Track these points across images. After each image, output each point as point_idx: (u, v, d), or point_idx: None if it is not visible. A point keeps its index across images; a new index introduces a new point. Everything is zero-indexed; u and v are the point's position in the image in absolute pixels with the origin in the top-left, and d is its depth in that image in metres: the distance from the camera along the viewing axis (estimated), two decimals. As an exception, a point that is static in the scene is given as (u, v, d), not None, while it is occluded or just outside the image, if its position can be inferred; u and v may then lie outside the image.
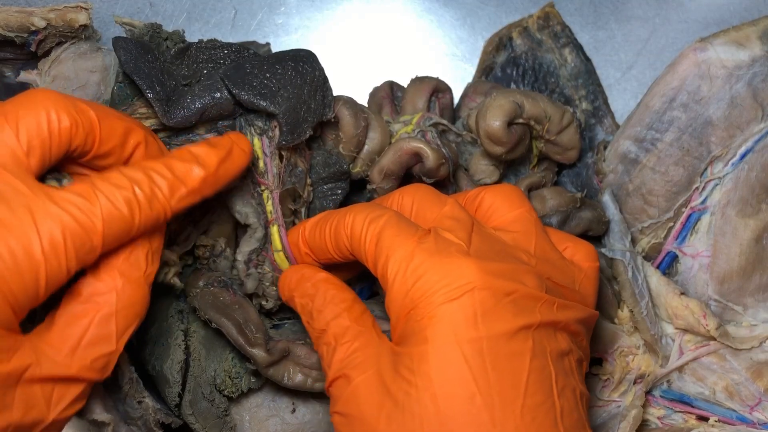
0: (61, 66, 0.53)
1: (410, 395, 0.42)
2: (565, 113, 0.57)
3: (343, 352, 0.46)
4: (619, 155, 0.59)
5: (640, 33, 0.69)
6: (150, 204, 0.44)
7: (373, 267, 0.46)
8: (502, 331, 0.42)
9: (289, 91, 0.51)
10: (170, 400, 0.53)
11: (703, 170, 0.57)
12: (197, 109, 0.50)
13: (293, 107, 0.51)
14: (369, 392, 0.44)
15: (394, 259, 0.45)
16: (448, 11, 0.69)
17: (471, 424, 0.41)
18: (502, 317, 0.43)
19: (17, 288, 0.39)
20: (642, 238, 0.59)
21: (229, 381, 0.54)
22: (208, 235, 0.54)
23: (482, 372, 0.42)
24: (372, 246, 0.46)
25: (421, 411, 0.42)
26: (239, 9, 0.67)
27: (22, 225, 0.40)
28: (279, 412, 0.55)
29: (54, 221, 0.40)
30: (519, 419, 0.41)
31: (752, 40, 0.56)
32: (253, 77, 0.51)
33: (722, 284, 0.58)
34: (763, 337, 0.57)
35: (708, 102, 0.56)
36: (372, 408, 0.43)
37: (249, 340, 0.51)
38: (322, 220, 0.50)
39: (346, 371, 0.45)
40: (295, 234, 0.52)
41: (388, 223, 0.46)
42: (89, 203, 0.42)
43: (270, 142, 0.52)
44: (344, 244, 0.48)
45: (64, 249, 0.41)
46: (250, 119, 0.52)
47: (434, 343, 0.42)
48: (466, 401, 0.41)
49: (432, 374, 0.42)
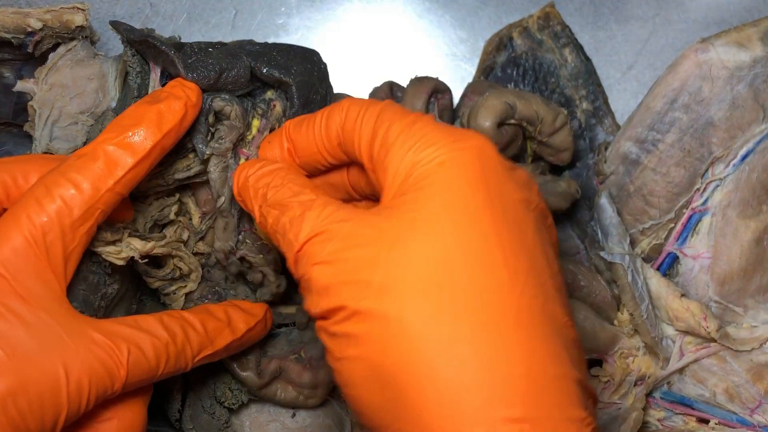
0: (58, 74, 0.53)
1: (415, 226, 0.38)
2: (559, 115, 0.57)
3: (317, 214, 0.41)
4: (620, 156, 0.59)
5: (640, 33, 0.69)
6: (177, 359, 0.45)
7: (367, 147, 0.42)
8: (511, 194, 0.40)
9: (300, 69, 0.51)
10: (171, 415, 0.54)
11: (704, 171, 0.57)
12: (219, 66, 0.49)
13: (306, 82, 0.51)
14: (364, 229, 0.39)
15: (397, 125, 0.41)
16: (448, 11, 0.69)
17: (482, 259, 0.37)
18: (509, 184, 0.40)
19: (35, 428, 0.40)
20: (643, 239, 0.59)
21: (229, 393, 0.54)
22: (204, 241, 0.54)
23: (494, 218, 0.38)
24: (370, 122, 0.43)
25: (428, 239, 0.38)
26: (239, 9, 0.67)
27: (54, 369, 0.41)
28: (279, 416, 0.55)
29: (83, 366, 0.42)
30: (529, 267, 0.38)
31: (753, 41, 0.56)
32: (267, 52, 0.51)
33: (723, 285, 0.58)
34: (763, 339, 0.57)
35: (709, 103, 0.56)
36: (369, 240, 0.39)
37: (241, 363, 0.52)
38: (310, 115, 0.47)
39: (327, 225, 0.40)
40: (277, 133, 0.49)
41: (388, 104, 0.43)
42: (118, 351, 0.43)
43: (266, 121, 0.52)
44: (335, 130, 0.45)
45: (87, 393, 0.42)
46: (255, 102, 0.52)
47: (441, 184, 0.39)
48: (479, 240, 0.38)
49: (440, 212, 0.38)
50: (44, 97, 0.52)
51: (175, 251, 0.51)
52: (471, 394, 0.35)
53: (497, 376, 0.35)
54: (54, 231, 0.43)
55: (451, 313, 0.36)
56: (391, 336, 0.36)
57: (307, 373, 0.53)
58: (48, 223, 0.43)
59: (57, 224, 0.43)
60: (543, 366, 0.36)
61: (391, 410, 0.37)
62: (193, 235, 0.53)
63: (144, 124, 0.46)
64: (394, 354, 0.36)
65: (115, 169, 0.45)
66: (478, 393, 0.35)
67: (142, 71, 0.51)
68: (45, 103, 0.52)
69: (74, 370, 0.41)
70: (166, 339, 0.45)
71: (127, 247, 0.48)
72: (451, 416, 0.35)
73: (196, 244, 0.54)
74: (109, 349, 0.42)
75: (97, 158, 0.45)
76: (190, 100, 0.48)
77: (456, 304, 0.36)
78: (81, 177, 0.44)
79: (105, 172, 0.44)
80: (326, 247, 0.39)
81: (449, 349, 0.36)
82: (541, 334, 0.37)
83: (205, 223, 0.53)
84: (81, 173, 0.44)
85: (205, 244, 0.54)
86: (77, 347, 0.42)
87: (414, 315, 0.36)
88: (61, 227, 0.43)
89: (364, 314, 0.37)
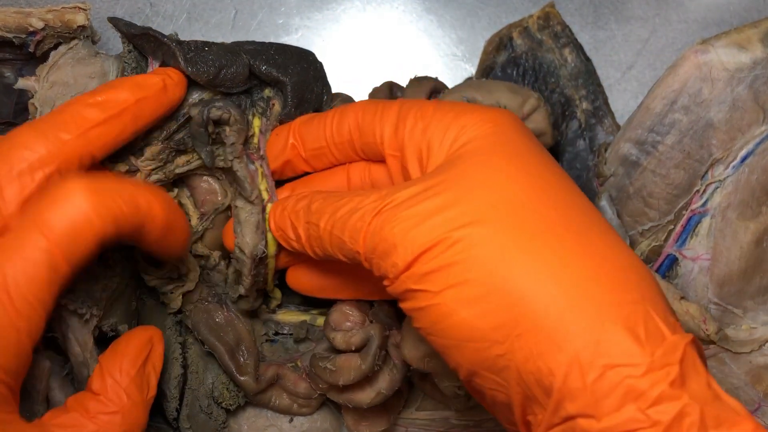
0: (60, 72, 0.53)
1: (485, 171, 0.42)
2: (527, 100, 0.56)
3: (375, 196, 0.43)
4: (619, 158, 0.59)
5: (640, 33, 0.69)
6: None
7: (392, 133, 0.46)
8: (539, 146, 0.45)
9: (297, 69, 0.52)
10: (168, 414, 0.54)
11: (704, 173, 0.57)
12: (219, 63, 0.50)
13: (302, 81, 0.52)
14: (432, 183, 0.42)
15: (427, 105, 0.46)
16: (448, 11, 0.69)
17: (549, 190, 0.42)
18: (534, 140, 0.46)
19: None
20: (642, 241, 0.59)
21: (227, 393, 0.54)
22: (203, 242, 0.54)
23: (546, 161, 0.44)
24: (392, 113, 0.46)
25: (500, 180, 0.42)
26: (239, 9, 0.67)
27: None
28: (277, 421, 0.55)
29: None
30: (580, 195, 0.44)
31: (754, 43, 0.56)
32: (265, 51, 0.52)
33: (722, 287, 0.58)
34: (762, 341, 0.57)
35: (709, 104, 0.56)
36: (444, 188, 0.42)
37: (239, 367, 0.52)
38: (321, 113, 0.50)
39: (391, 196, 0.42)
40: (283, 129, 0.51)
41: (402, 100, 0.48)
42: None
43: (267, 121, 0.52)
44: (347, 128, 0.48)
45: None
46: (254, 100, 0.52)
47: (497, 138, 0.43)
48: (541, 176, 0.42)
49: (502, 160, 0.42)
50: (45, 95, 0.52)
51: None
52: (590, 289, 0.38)
53: (609, 270, 0.39)
54: (13, 170, 0.43)
55: (544, 229, 0.40)
56: (495, 256, 0.39)
57: (302, 383, 0.54)
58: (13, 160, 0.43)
59: (18, 163, 0.43)
60: (638, 264, 0.41)
61: (508, 319, 0.38)
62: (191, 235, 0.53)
63: (117, 89, 0.46)
64: (501, 270, 0.38)
65: (81, 122, 0.45)
66: (599, 283, 0.38)
67: (138, 67, 0.51)
68: (46, 101, 0.52)
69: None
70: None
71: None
72: (581, 306, 0.37)
73: (195, 246, 0.54)
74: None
75: (63, 112, 0.45)
76: (170, 78, 0.48)
77: (545, 221, 0.40)
78: (44, 126, 0.44)
79: (70, 123, 0.44)
80: (399, 208, 0.41)
81: (557, 255, 0.39)
82: (621, 241, 0.42)
83: (203, 224, 0.53)
84: (44, 123, 0.44)
85: (204, 245, 0.54)
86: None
87: (510, 235, 0.39)
88: (19, 168, 0.43)
89: (465, 240, 0.39)
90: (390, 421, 0.55)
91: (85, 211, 0.41)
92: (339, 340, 0.51)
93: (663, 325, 0.37)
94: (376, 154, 0.48)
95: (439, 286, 0.39)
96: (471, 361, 0.40)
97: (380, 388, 0.52)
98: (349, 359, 0.51)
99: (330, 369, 0.51)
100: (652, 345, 0.36)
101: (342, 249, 0.44)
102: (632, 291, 0.38)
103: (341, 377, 0.51)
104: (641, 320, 0.37)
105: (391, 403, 0.55)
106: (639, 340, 0.36)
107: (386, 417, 0.55)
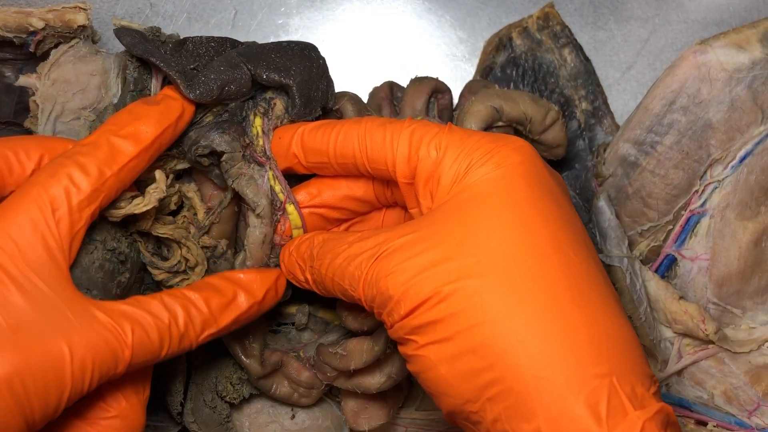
0: (61, 69, 0.53)
1: (479, 219, 0.42)
2: (549, 112, 0.57)
3: (372, 241, 0.44)
4: (618, 158, 0.59)
5: (639, 33, 0.69)
6: (180, 339, 0.45)
7: (405, 163, 0.46)
8: (554, 186, 0.45)
9: (300, 68, 0.52)
10: (173, 409, 0.54)
11: (703, 173, 0.57)
12: (221, 81, 0.50)
13: (306, 81, 0.52)
14: (426, 233, 0.43)
15: (440, 137, 0.46)
16: (448, 11, 0.69)
17: (548, 240, 0.42)
18: (550, 176, 0.45)
19: (38, 407, 0.40)
20: (641, 241, 0.59)
21: (231, 387, 0.54)
22: (209, 235, 0.54)
23: (551, 206, 0.44)
24: (405, 141, 0.46)
25: (495, 228, 0.42)
26: (239, 9, 0.67)
27: (58, 348, 0.41)
28: (279, 418, 0.55)
29: (87, 346, 0.41)
30: (585, 245, 0.44)
31: (752, 43, 0.56)
32: (265, 56, 0.52)
33: (721, 287, 0.58)
34: (761, 340, 0.57)
35: (708, 105, 0.56)
36: (436, 240, 0.43)
37: (245, 350, 0.52)
38: (326, 124, 0.50)
39: (387, 245, 0.44)
40: (287, 133, 0.51)
41: (411, 121, 0.47)
42: (122, 332, 0.43)
43: (269, 121, 0.52)
44: (351, 149, 0.48)
45: (90, 374, 0.42)
46: (256, 101, 0.52)
47: (500, 181, 0.43)
48: (542, 224, 0.43)
49: (502, 205, 0.43)
50: (47, 92, 0.53)
51: (183, 240, 0.52)
52: (562, 358, 0.39)
53: (581, 341, 0.40)
54: (63, 208, 0.44)
55: (528, 290, 0.40)
56: (478, 314, 0.40)
57: (305, 371, 0.54)
58: (58, 199, 0.44)
59: (66, 202, 0.44)
60: (617, 330, 0.41)
61: (480, 382, 0.40)
62: (198, 230, 0.53)
63: (144, 120, 0.48)
64: (482, 330, 0.40)
65: (119, 156, 0.46)
66: (568, 356, 0.39)
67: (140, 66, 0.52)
68: (47, 98, 0.53)
69: (78, 350, 0.41)
70: (168, 319, 0.45)
71: (150, 192, 0.49)
72: (547, 378, 0.39)
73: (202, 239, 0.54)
74: (113, 330, 0.42)
75: (101, 146, 0.46)
76: (186, 102, 0.50)
77: (531, 281, 0.41)
78: (87, 161, 0.45)
79: (109, 158, 0.46)
80: (394, 258, 0.43)
81: (534, 320, 0.40)
82: (609, 302, 0.42)
83: (209, 218, 0.54)
84: (86, 157, 0.45)
85: (210, 237, 0.54)
86: (82, 327, 0.42)
87: (496, 294, 0.41)
88: (69, 205, 0.44)
89: (449, 299, 0.41)
90: (389, 415, 0.55)
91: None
92: (351, 320, 0.51)
93: (627, 400, 0.39)
94: (383, 177, 0.49)
95: (425, 339, 0.42)
96: (448, 410, 0.42)
97: (390, 373, 0.52)
98: (361, 342, 0.51)
99: (341, 354, 0.51)
100: (611, 422, 0.38)
101: (344, 294, 0.46)
102: (602, 364, 0.39)
103: (353, 361, 0.51)
104: (605, 396, 0.39)
105: (391, 397, 0.55)
106: (598, 418, 0.38)
107: (386, 411, 0.55)
